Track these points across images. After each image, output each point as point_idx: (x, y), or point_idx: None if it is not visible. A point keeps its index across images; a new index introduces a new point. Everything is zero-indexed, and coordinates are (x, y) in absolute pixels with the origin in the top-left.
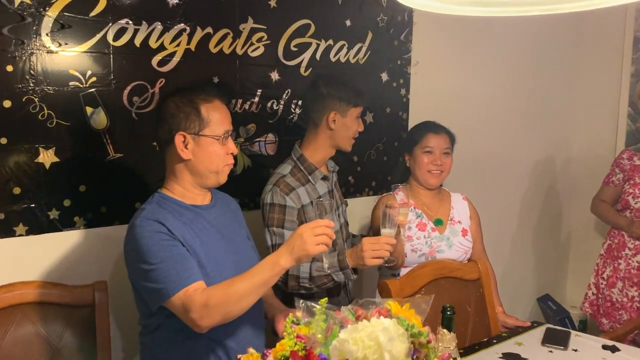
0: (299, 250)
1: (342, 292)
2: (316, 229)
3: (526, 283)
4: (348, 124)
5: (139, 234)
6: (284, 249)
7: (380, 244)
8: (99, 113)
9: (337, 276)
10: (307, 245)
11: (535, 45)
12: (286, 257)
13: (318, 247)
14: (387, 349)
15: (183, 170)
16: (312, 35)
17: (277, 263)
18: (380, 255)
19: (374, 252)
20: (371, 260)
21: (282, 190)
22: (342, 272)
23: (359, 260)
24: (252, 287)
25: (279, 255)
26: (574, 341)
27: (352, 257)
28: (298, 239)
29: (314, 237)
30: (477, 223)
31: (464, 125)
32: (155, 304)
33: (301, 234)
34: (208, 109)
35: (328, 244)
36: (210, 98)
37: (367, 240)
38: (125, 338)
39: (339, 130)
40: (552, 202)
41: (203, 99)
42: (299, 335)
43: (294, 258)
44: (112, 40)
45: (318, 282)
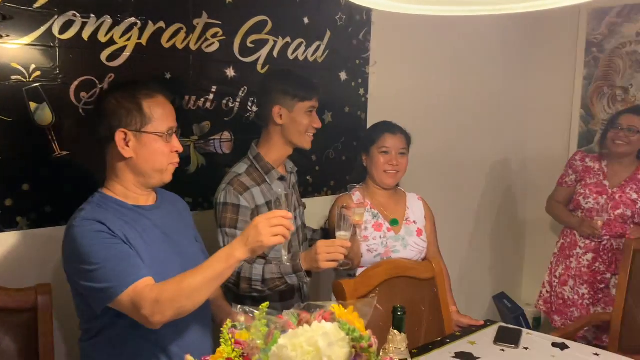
0: (254, 242)
1: (296, 295)
2: (272, 219)
3: (483, 282)
4: (297, 119)
5: (78, 234)
6: (238, 240)
7: (335, 246)
8: (43, 109)
9: (290, 279)
10: (262, 236)
11: (490, 48)
12: (241, 248)
13: (274, 238)
14: (327, 354)
15: (124, 169)
16: (269, 32)
17: (232, 255)
18: (335, 258)
19: (328, 254)
20: (325, 264)
21: (236, 190)
22: (296, 275)
23: (313, 262)
24: (205, 280)
25: (233, 247)
26: (525, 339)
27: (306, 260)
28: (253, 229)
29: (270, 227)
30: (432, 223)
31: (421, 126)
32: (100, 305)
33: (256, 224)
34: (150, 105)
35: (285, 235)
36: (152, 93)
37: (322, 242)
38: (69, 344)
39: (288, 126)
40: (508, 202)
41: (145, 95)
42: (237, 341)
43: (249, 249)
44: (58, 33)
45: (271, 285)
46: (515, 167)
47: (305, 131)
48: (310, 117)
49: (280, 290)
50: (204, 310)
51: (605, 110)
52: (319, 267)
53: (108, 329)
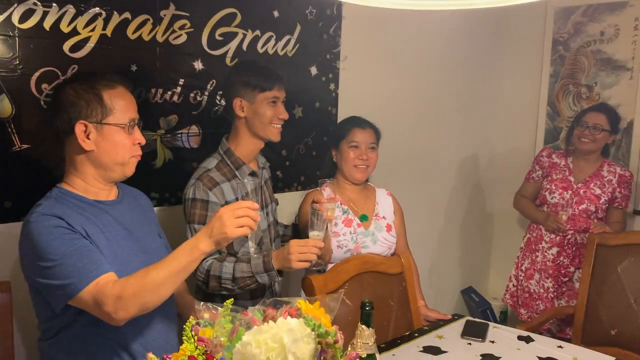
0: (218, 233)
1: (267, 293)
2: (237, 210)
3: (451, 276)
4: (259, 111)
5: (35, 230)
6: (202, 232)
7: (308, 246)
8: (2, 100)
9: (261, 278)
10: (226, 227)
11: (459, 45)
12: (205, 240)
13: (239, 229)
14: (292, 350)
15: (85, 162)
16: (238, 25)
17: (196, 247)
18: (308, 258)
19: (301, 255)
20: (298, 264)
21: (205, 185)
22: (267, 273)
23: (285, 262)
24: (169, 274)
25: (197, 239)
26: (492, 333)
27: (277, 259)
28: (217, 221)
29: (235, 219)
30: (401, 218)
31: (391, 121)
32: (60, 303)
33: (221, 215)
34: (111, 96)
35: (251, 226)
36: (113, 84)
37: (295, 242)
38: (29, 344)
39: (251, 118)
40: (477, 198)
41: (105, 85)
42: (200, 338)
43: (213, 241)
44: (18, 22)
45: (241, 284)
46: (484, 163)
47: (269, 122)
48: (273, 108)
49: (250, 289)
50: (169, 307)
51: (570, 107)
52: (290, 267)
53: (68, 328)
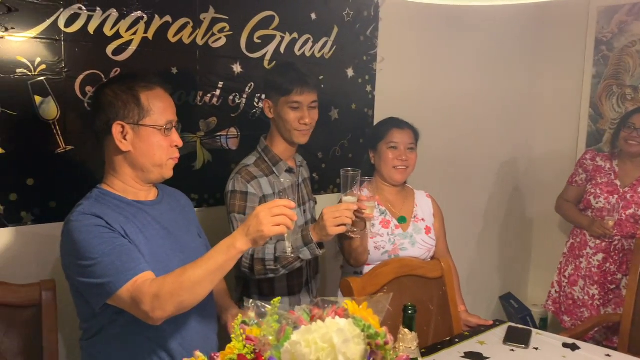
0: (255, 232)
1: (303, 290)
2: (274, 209)
3: (490, 282)
4: (281, 114)
5: (75, 229)
6: (239, 230)
7: (340, 210)
8: (48, 103)
9: (302, 253)
10: (263, 225)
11: (499, 45)
12: (242, 239)
13: (275, 228)
14: (342, 351)
15: (123, 163)
16: (276, 28)
17: (233, 246)
18: (342, 222)
19: (335, 219)
20: (334, 229)
21: (244, 178)
22: (307, 247)
23: (321, 231)
24: (206, 273)
25: (234, 238)
26: (535, 339)
27: (315, 231)
28: (254, 219)
29: (271, 217)
30: (441, 221)
31: (429, 123)
32: (99, 302)
33: (257, 214)
34: (149, 97)
35: (287, 224)
36: (151, 86)
37: (327, 209)
38: (72, 342)
39: (277, 121)
40: (516, 202)
41: (143, 87)
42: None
43: (250, 240)
44: (64, 26)
45: (284, 262)
46: (523, 167)
47: (292, 127)
48: (294, 112)
49: (293, 267)
50: (208, 308)
51: (614, 109)
52: (328, 234)
53: (108, 328)
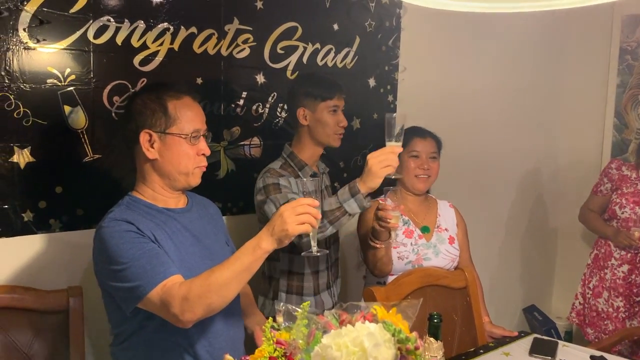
0: (279, 231)
1: (325, 292)
2: (297, 207)
3: (513, 293)
4: (321, 120)
5: (107, 234)
6: (264, 230)
7: (385, 154)
8: (77, 112)
9: (349, 206)
10: (287, 225)
11: (521, 55)
12: (267, 239)
13: (300, 226)
14: (373, 355)
15: (150, 171)
16: (299, 39)
17: (258, 246)
18: (389, 163)
19: (381, 162)
20: (382, 171)
21: (273, 175)
22: (354, 198)
23: (368, 177)
24: (233, 274)
25: (259, 238)
26: (562, 351)
27: (361, 180)
28: (278, 218)
29: (295, 216)
30: (464, 231)
31: (451, 133)
32: (130, 305)
33: (281, 213)
34: (176, 106)
35: (312, 223)
36: (179, 95)
37: (372, 155)
38: (99, 347)
39: (314, 127)
40: (539, 212)
41: (172, 96)
42: (278, 341)
43: (275, 239)
44: (93, 37)
45: (330, 217)
46: (547, 176)
47: (332, 131)
48: (334, 116)
49: (341, 223)
50: (235, 316)
51: (639, 118)
52: (375, 178)
53: (138, 334)
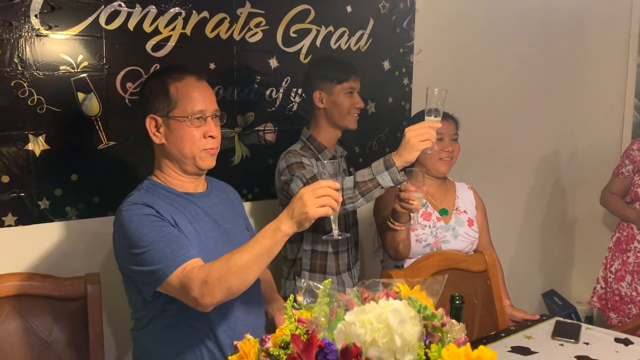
0: (299, 214)
1: (346, 273)
2: (318, 189)
3: (531, 278)
4: (337, 102)
5: (126, 218)
6: (284, 213)
7: (424, 127)
8: (91, 99)
9: (382, 178)
10: (307, 207)
11: (538, 35)
12: (287, 221)
13: (320, 209)
14: (398, 331)
15: (161, 156)
16: (312, 21)
17: (278, 229)
18: (428, 138)
19: (420, 136)
20: (420, 144)
21: (295, 155)
22: (388, 171)
23: (404, 149)
24: (253, 257)
25: (279, 221)
26: (585, 334)
27: (397, 154)
28: (298, 201)
29: (315, 198)
30: (483, 213)
31: (468, 116)
32: (150, 289)
33: (301, 196)
34: (178, 88)
35: (332, 205)
36: (181, 76)
37: (409, 128)
38: (118, 333)
39: (330, 109)
40: (558, 196)
41: (174, 78)
42: (300, 319)
43: (295, 222)
44: (105, 23)
45: (362, 188)
46: (565, 160)
47: (347, 112)
48: (350, 98)
49: (372, 195)
50: (256, 300)
51: None
52: (412, 153)
53: (158, 318)
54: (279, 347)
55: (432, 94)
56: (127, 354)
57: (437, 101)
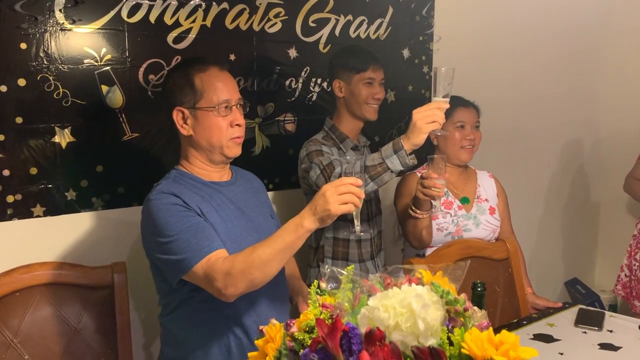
0: (322, 210)
1: (370, 262)
2: (340, 187)
3: (554, 267)
4: (355, 91)
5: (154, 207)
6: (307, 209)
7: (431, 109)
8: (114, 92)
9: (391, 162)
10: (329, 205)
11: (559, 19)
12: (309, 217)
13: (342, 206)
14: (421, 316)
15: (189, 147)
16: (330, 11)
17: (301, 225)
18: (435, 119)
19: (426, 117)
20: (427, 126)
21: (315, 143)
22: (396, 154)
23: (412, 132)
24: (275, 251)
25: (302, 217)
26: (609, 322)
27: (405, 137)
28: (321, 198)
29: (338, 195)
30: (505, 201)
31: (489, 103)
32: (175, 277)
33: (324, 192)
34: (202, 79)
35: (355, 202)
36: (204, 67)
37: (416, 110)
38: (145, 320)
39: (348, 99)
40: (581, 183)
41: (197, 69)
42: (324, 304)
43: (317, 219)
44: (127, 16)
45: (372, 172)
46: (588, 146)
47: (364, 102)
48: (369, 88)
49: (382, 179)
50: (281, 288)
51: None
52: (420, 135)
53: (186, 304)
54: (303, 332)
55: (439, 74)
56: (154, 340)
57: (444, 81)
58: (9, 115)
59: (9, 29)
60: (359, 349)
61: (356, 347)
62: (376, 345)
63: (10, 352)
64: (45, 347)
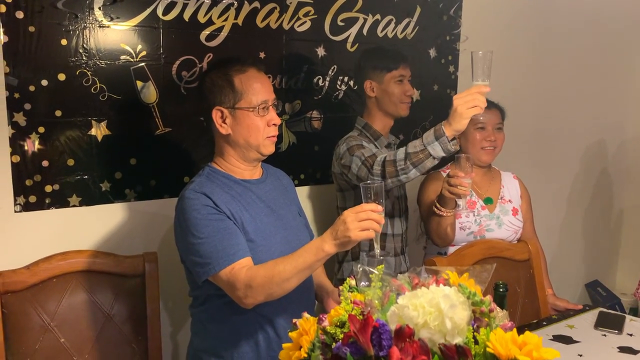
0: (342, 236)
1: (401, 257)
2: (360, 213)
3: (575, 268)
4: (387, 90)
5: (187, 206)
6: (328, 234)
7: (472, 94)
8: (148, 87)
9: (433, 149)
10: (349, 231)
11: (586, 22)
12: (330, 242)
13: (362, 233)
14: (449, 315)
15: (225, 145)
16: (359, 10)
17: (321, 248)
18: (476, 104)
19: (467, 102)
20: (468, 111)
21: (355, 139)
22: (438, 141)
23: (454, 119)
24: (295, 270)
25: (323, 240)
26: (629, 325)
27: (447, 123)
28: (342, 224)
29: (358, 222)
30: (528, 203)
31: (514, 104)
32: (201, 278)
33: (344, 219)
34: (242, 80)
35: (375, 228)
36: (244, 68)
37: (457, 96)
38: (173, 309)
39: (381, 98)
40: (604, 186)
41: (237, 70)
42: (355, 301)
43: (337, 244)
44: (162, 14)
45: (414, 159)
46: (612, 149)
47: (398, 100)
48: (401, 86)
49: (425, 166)
50: (308, 285)
51: None
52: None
53: (214, 298)
54: (335, 326)
55: (477, 57)
56: (182, 329)
57: (482, 64)
58: (49, 109)
59: (51, 26)
60: (389, 345)
61: (386, 342)
62: (405, 342)
63: (47, 335)
64: (80, 332)
